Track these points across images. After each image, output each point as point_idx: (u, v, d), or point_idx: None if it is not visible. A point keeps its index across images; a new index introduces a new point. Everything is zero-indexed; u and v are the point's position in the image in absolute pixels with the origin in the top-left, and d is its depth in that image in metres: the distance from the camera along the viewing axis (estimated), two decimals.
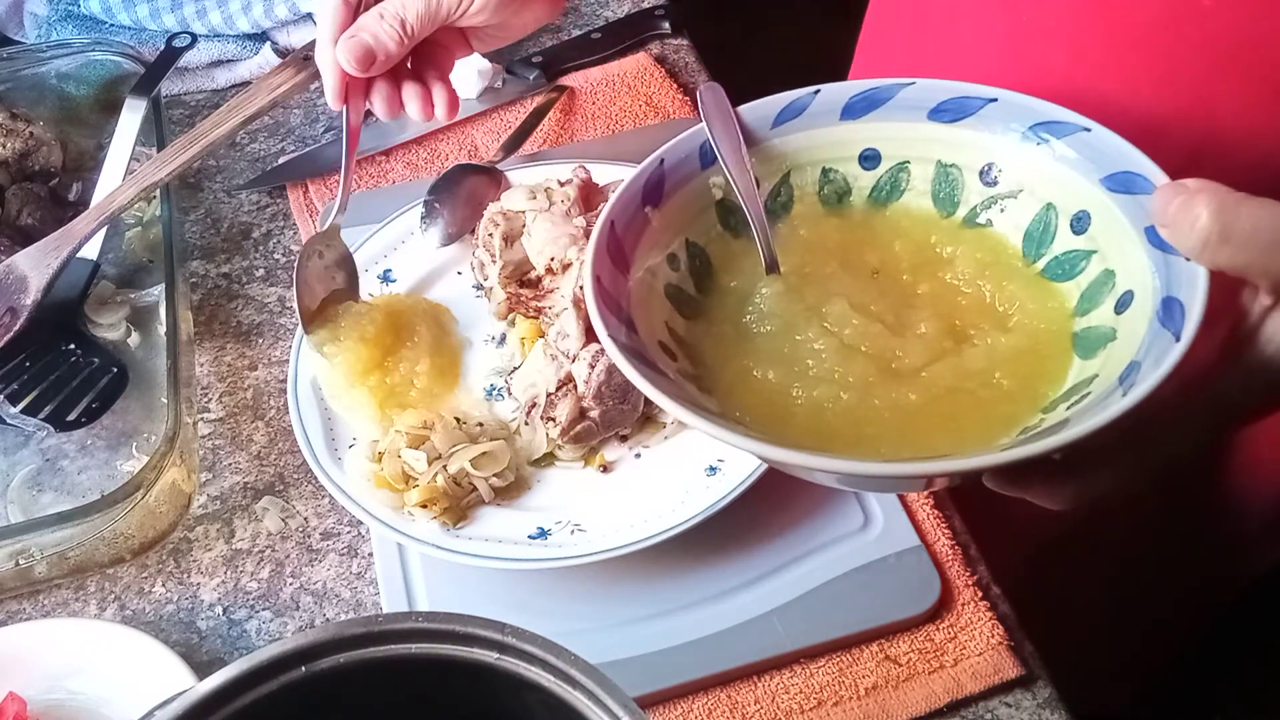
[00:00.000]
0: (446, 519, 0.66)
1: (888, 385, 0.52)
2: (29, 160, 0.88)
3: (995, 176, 0.58)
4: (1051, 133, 0.55)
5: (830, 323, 0.54)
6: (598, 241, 0.54)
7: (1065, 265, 0.55)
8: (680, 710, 0.63)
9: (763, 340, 0.55)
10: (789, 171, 0.60)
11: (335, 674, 0.41)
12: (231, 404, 0.79)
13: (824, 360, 0.53)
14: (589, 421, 0.68)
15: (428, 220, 0.81)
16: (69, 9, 1.03)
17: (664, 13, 1.02)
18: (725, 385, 0.53)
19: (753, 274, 0.58)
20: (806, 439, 0.50)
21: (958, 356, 0.53)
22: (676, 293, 0.57)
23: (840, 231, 0.60)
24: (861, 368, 0.52)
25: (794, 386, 0.52)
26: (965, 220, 0.58)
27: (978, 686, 0.63)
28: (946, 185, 0.59)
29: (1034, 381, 0.52)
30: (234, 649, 0.68)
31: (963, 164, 0.58)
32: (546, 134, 0.94)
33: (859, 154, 0.60)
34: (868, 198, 0.60)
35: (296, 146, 0.96)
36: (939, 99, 0.58)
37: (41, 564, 0.69)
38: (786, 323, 0.55)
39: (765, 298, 0.56)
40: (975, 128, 0.57)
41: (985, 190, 0.58)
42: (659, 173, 0.59)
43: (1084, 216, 0.54)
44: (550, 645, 0.40)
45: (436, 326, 0.76)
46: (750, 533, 0.67)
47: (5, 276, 0.76)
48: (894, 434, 0.51)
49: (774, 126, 0.60)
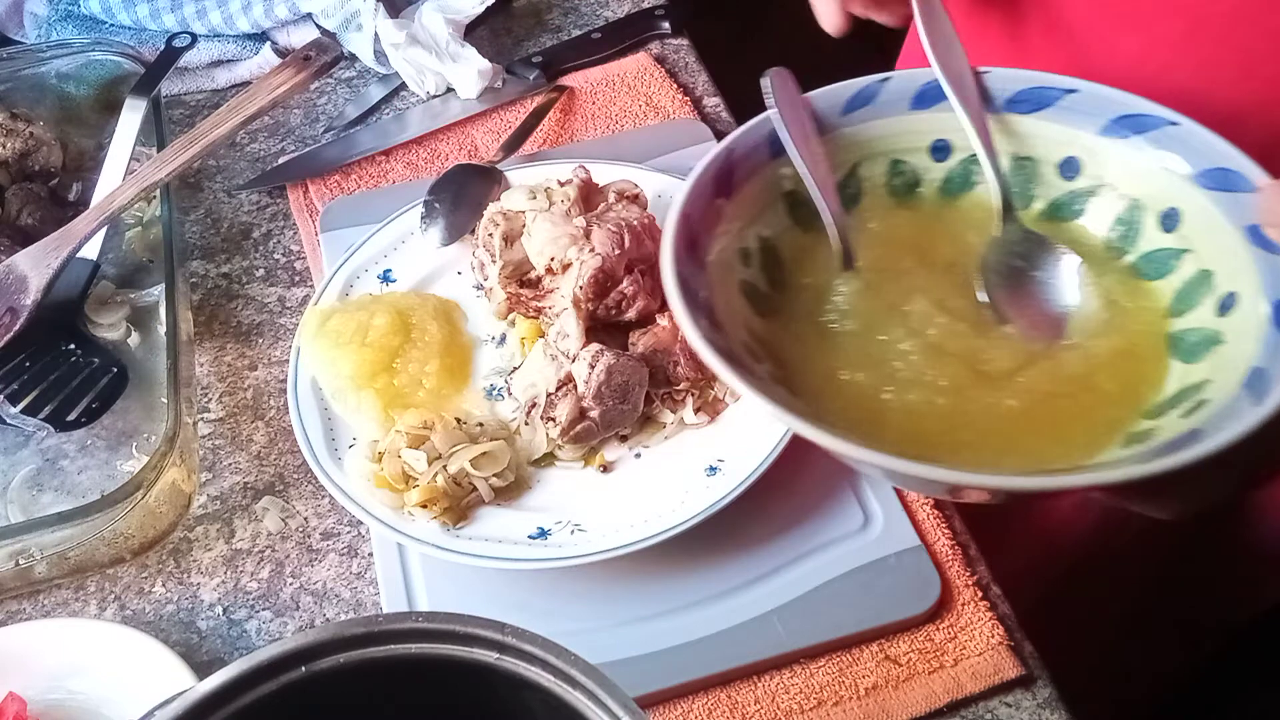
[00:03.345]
0: (446, 519, 0.66)
1: (982, 389, 0.50)
2: (29, 160, 0.88)
3: (1075, 171, 0.55)
4: (1136, 126, 0.53)
5: (914, 322, 0.53)
6: (675, 241, 0.51)
7: (1155, 264, 0.53)
8: (680, 710, 0.63)
9: (845, 340, 0.53)
10: (858, 162, 0.58)
11: (335, 674, 0.41)
12: (231, 404, 0.79)
13: (912, 362, 0.51)
14: (589, 421, 0.68)
15: (428, 220, 0.81)
16: (69, 9, 1.03)
17: (664, 13, 1.02)
18: (813, 387, 0.51)
19: (826, 269, 0.55)
20: (903, 444, 0.48)
21: (1053, 360, 0.51)
22: (751, 290, 0.55)
23: (912, 225, 0.57)
24: (952, 370, 0.51)
25: (884, 390, 0.50)
26: (1042, 215, 0.56)
27: (978, 686, 0.63)
28: (1022, 178, 0.57)
29: (1134, 385, 0.50)
30: (234, 649, 0.68)
31: (1039, 157, 0.56)
32: (546, 134, 0.94)
33: (930, 145, 0.58)
34: (938, 190, 0.58)
35: (296, 146, 0.96)
36: (1015, 89, 0.56)
37: (41, 564, 0.69)
38: (868, 322, 0.53)
39: (844, 295, 0.54)
40: (1053, 120, 0.55)
41: (1064, 184, 0.56)
42: (728, 162, 0.56)
43: (1174, 214, 0.52)
44: (550, 645, 0.40)
45: (448, 324, 0.76)
46: (750, 533, 0.67)
47: (5, 276, 0.76)
48: (994, 441, 0.49)
49: (843, 115, 0.57)
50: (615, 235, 0.71)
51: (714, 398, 0.71)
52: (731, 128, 0.93)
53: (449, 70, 0.96)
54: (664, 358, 0.71)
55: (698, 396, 0.71)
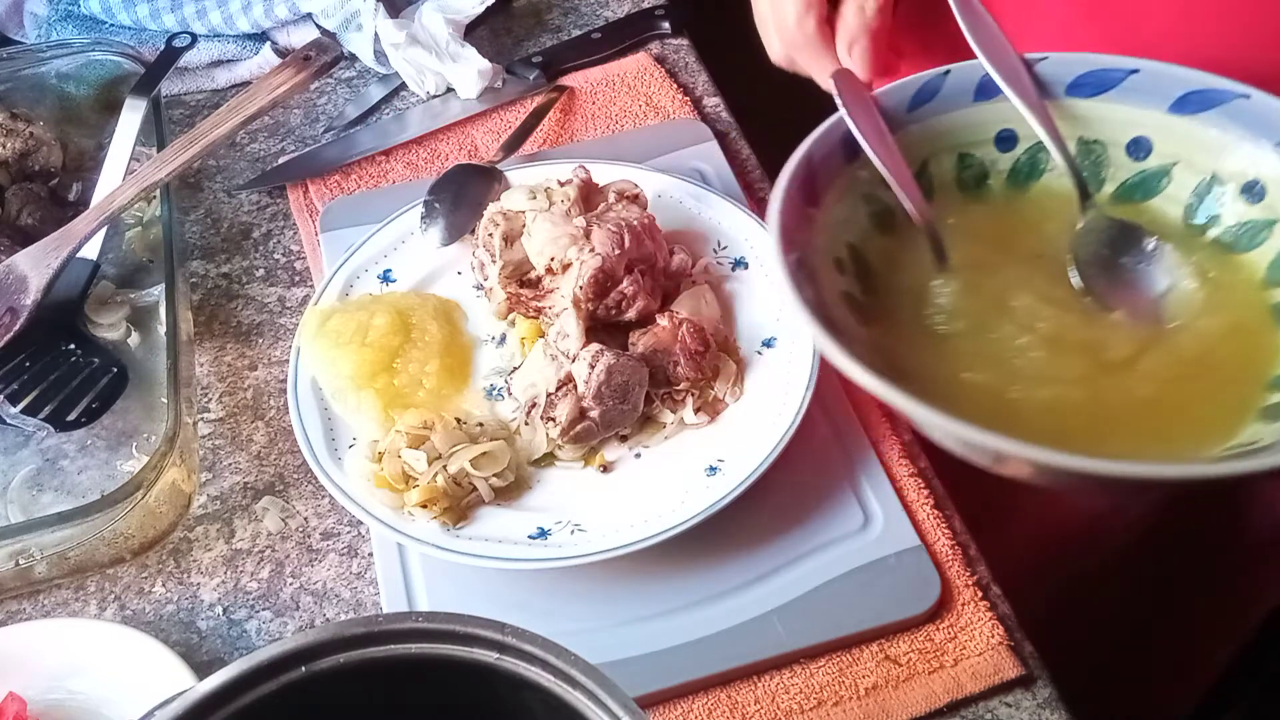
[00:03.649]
0: (446, 519, 0.66)
1: (1111, 379, 0.50)
2: (29, 160, 0.88)
3: (1145, 151, 0.56)
4: (1205, 102, 0.53)
5: (1022, 317, 0.52)
6: (788, 266, 0.50)
7: (1244, 237, 0.53)
8: (680, 710, 0.63)
9: (958, 342, 0.53)
10: (927, 159, 0.58)
11: (335, 674, 0.41)
12: (231, 404, 0.79)
13: (1034, 358, 0.51)
14: (589, 421, 0.68)
15: (428, 220, 0.81)
16: (69, 9, 1.03)
17: (664, 13, 1.02)
18: (940, 393, 0.50)
19: (915, 270, 0.55)
20: (1047, 441, 0.47)
21: (1167, 343, 0.51)
22: (851, 300, 0.54)
23: (988, 218, 0.57)
24: (1077, 363, 0.50)
25: (1011, 388, 0.50)
26: (1115, 197, 0.56)
27: (978, 686, 0.63)
28: (1090, 162, 0.57)
29: (1252, 359, 0.50)
30: (234, 649, 0.68)
31: (1107, 139, 0.56)
32: (546, 134, 0.94)
33: (995, 135, 0.58)
34: (1006, 180, 0.58)
35: (296, 146, 0.96)
36: (1075, 74, 0.56)
37: (41, 564, 0.69)
38: (977, 321, 0.53)
39: (945, 296, 0.54)
40: (1118, 101, 0.55)
41: (1134, 165, 0.56)
42: (810, 170, 0.55)
43: (1257, 185, 0.52)
44: (550, 645, 0.40)
45: (448, 324, 0.76)
46: (750, 533, 0.67)
47: (5, 276, 0.76)
48: (1132, 430, 0.49)
49: (909, 111, 0.57)
50: (615, 235, 0.71)
51: (714, 398, 0.71)
52: (731, 128, 0.94)
53: (449, 70, 0.96)
54: (664, 358, 0.71)
55: (698, 396, 0.71)
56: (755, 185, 0.89)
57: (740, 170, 0.89)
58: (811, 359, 0.70)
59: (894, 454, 0.71)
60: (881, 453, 0.71)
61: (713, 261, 0.78)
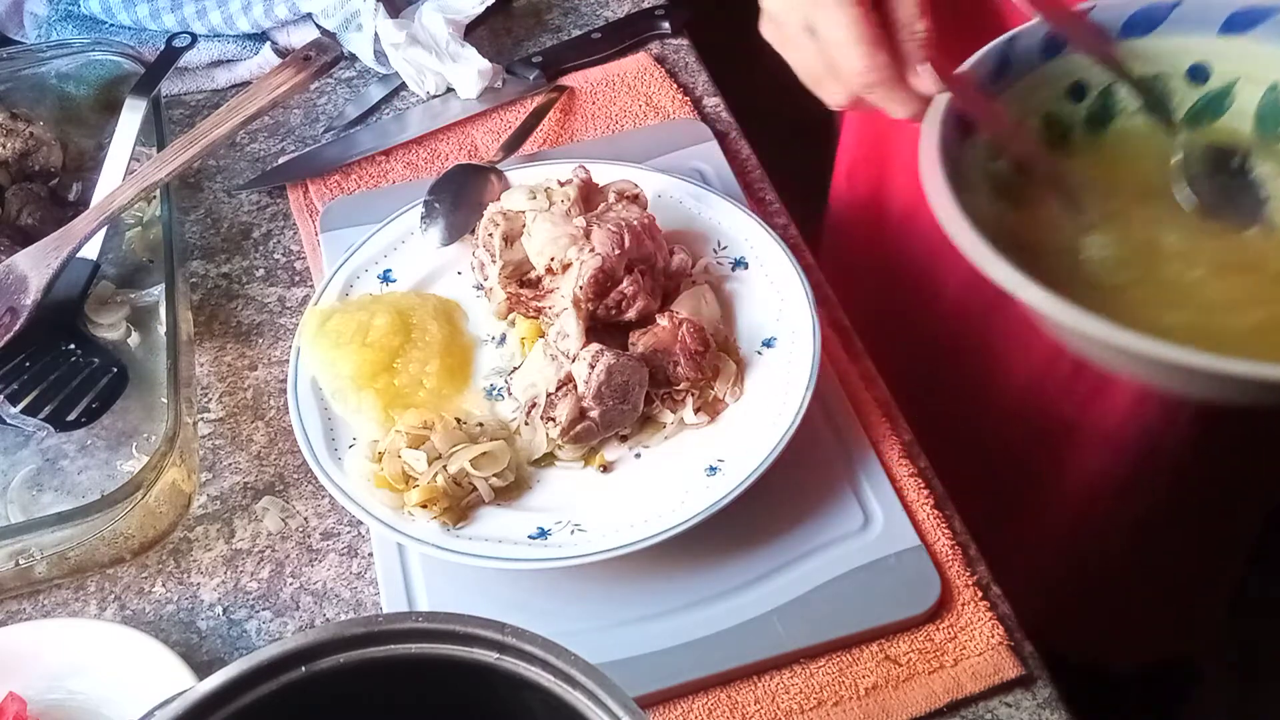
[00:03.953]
0: (446, 519, 0.66)
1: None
2: (29, 160, 0.88)
3: (1205, 75, 0.59)
4: (1252, 19, 0.56)
5: (1180, 249, 0.54)
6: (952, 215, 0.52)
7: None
8: (680, 710, 0.63)
9: (1135, 290, 0.54)
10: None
11: (335, 674, 0.41)
12: (231, 404, 0.79)
13: (1220, 288, 0.53)
14: (589, 421, 0.68)
15: (428, 220, 0.81)
16: (69, 9, 1.03)
17: (664, 13, 1.02)
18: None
19: (1053, 231, 0.57)
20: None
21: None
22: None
23: (1087, 170, 0.60)
24: (1260, 283, 0.52)
25: (1213, 320, 0.52)
26: (1185, 123, 0.59)
27: (978, 686, 0.63)
28: (1154, 97, 0.59)
29: None
30: (234, 649, 0.68)
31: (1166, 71, 0.59)
32: (546, 134, 0.94)
33: (1067, 88, 0.60)
34: (1084, 129, 0.61)
35: (296, 146, 0.96)
36: (1126, 15, 0.59)
37: (41, 564, 0.69)
38: (1143, 268, 0.54)
39: (1100, 250, 0.56)
40: (1168, 34, 0.58)
41: (1198, 90, 0.59)
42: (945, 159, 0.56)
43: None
44: (550, 645, 0.40)
45: (448, 324, 0.76)
46: (750, 533, 0.67)
47: (5, 276, 0.76)
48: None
49: (994, 83, 0.60)
50: (615, 235, 0.71)
51: (714, 398, 0.71)
52: (731, 128, 0.94)
53: (449, 70, 0.96)
54: (664, 358, 0.71)
55: (698, 396, 0.71)
56: (755, 185, 0.89)
57: (740, 170, 0.89)
58: (811, 359, 0.70)
59: (894, 454, 0.71)
60: (881, 453, 0.71)
61: (713, 261, 0.78)
